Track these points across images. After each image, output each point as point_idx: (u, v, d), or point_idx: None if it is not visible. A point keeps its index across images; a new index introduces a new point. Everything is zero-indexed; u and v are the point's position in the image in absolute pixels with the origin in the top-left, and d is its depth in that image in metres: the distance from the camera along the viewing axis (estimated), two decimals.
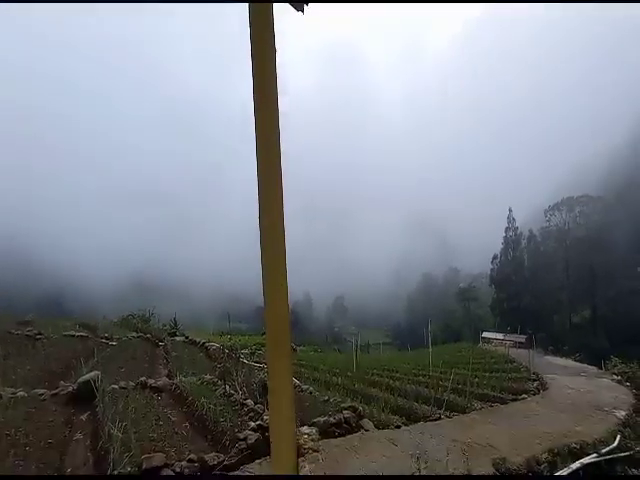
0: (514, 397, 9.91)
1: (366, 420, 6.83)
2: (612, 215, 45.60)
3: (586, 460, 5.63)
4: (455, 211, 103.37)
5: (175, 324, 22.17)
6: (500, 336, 33.31)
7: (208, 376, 8.23)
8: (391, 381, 11.38)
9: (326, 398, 7.69)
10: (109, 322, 20.32)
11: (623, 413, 8.84)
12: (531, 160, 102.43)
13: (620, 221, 45.27)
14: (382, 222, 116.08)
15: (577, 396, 10.73)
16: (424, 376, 12.94)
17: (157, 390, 7.68)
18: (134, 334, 15.84)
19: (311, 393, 8.13)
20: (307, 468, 3.68)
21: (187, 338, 16.78)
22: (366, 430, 6.43)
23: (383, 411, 7.69)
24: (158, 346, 14.08)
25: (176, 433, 5.87)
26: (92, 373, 7.11)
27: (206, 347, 13.58)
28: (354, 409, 6.83)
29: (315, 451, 2.60)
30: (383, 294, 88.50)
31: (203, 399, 6.41)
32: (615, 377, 14.15)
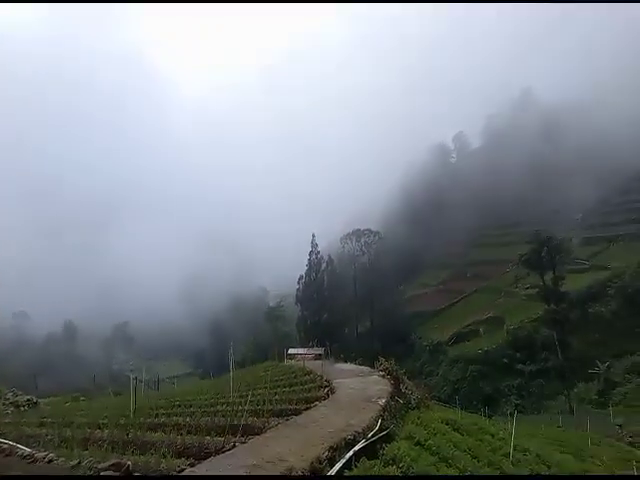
0: (307, 406, 11.14)
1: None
2: (385, 245, 63.51)
3: (357, 447, 6.88)
4: (264, 232, 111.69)
5: None
6: (302, 351, 37.89)
7: None
8: (181, 418, 10.39)
9: (77, 461, 6.01)
10: None
11: (384, 400, 11.65)
12: (332, 189, 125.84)
13: (390, 250, 64.20)
14: (168, 238, 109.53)
15: (355, 393, 13.34)
16: (222, 404, 12.63)
17: None
18: None
19: (50, 461, 6.16)
20: None
21: None
22: None
23: (164, 457, 6.78)
24: None
25: None
26: None
27: None
28: (119, 466, 5.63)
29: None
30: (182, 320, 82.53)
31: None
32: (381, 373, 18.69)
